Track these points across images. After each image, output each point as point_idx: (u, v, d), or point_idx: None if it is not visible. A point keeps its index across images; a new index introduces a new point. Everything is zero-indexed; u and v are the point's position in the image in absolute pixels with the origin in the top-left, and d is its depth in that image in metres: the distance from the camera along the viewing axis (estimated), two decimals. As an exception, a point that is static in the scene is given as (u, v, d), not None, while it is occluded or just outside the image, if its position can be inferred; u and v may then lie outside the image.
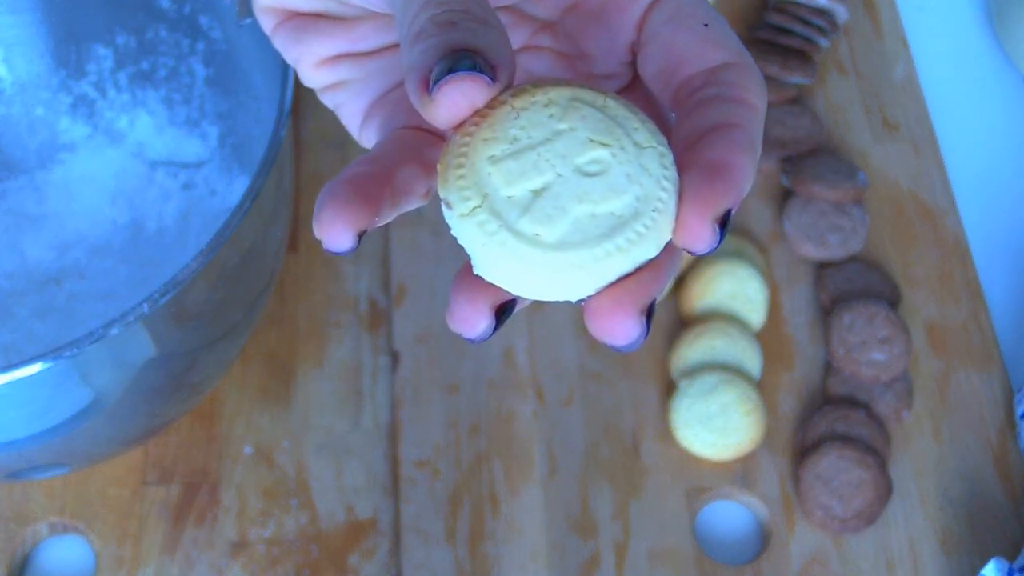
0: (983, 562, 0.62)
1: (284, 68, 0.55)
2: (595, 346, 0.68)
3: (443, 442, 0.65)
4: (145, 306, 0.49)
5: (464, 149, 0.29)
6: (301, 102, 0.76)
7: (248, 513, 0.63)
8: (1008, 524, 0.64)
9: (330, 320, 0.69)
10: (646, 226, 0.28)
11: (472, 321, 0.30)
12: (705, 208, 0.28)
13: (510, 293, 0.29)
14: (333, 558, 0.62)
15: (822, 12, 0.78)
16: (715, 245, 0.29)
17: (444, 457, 0.65)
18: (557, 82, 0.30)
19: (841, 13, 0.78)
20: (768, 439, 0.66)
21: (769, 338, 0.69)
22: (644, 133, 0.29)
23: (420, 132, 0.34)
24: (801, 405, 0.67)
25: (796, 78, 0.76)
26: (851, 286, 0.70)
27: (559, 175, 0.28)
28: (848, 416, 0.65)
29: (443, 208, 0.29)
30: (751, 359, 0.67)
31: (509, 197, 0.28)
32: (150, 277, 0.66)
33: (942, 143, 0.77)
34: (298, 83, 0.55)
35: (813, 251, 0.71)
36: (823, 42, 0.78)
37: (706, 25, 0.31)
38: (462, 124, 0.29)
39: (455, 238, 0.29)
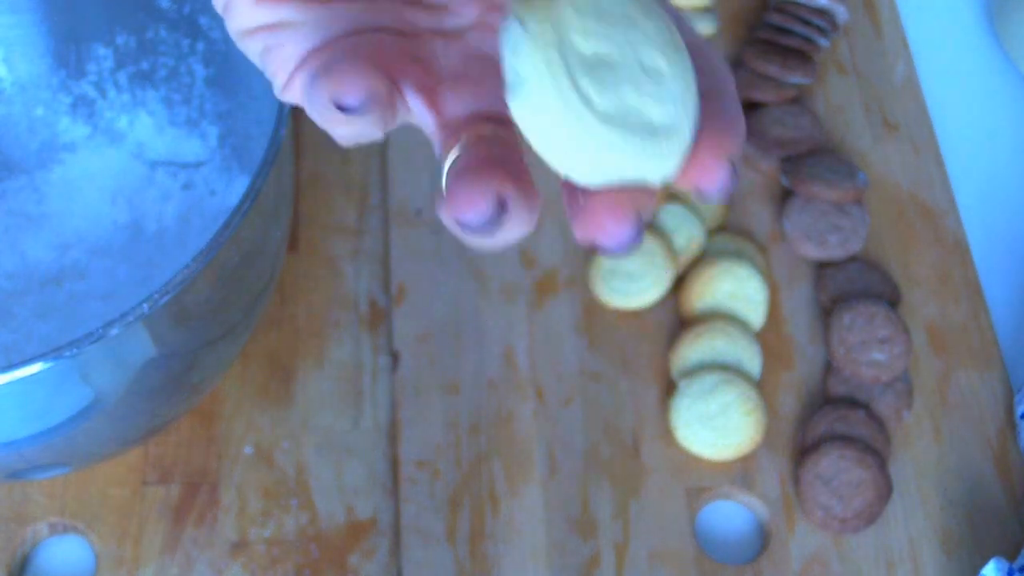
0: (983, 562, 0.62)
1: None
2: (595, 346, 0.68)
3: (443, 442, 0.65)
4: (145, 306, 0.49)
5: None
6: (301, 102, 0.76)
7: (248, 513, 0.63)
8: (1008, 524, 0.64)
9: (330, 320, 0.69)
10: (671, 146, 0.29)
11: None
12: (720, 148, 0.30)
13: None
14: (333, 558, 0.62)
15: (822, 12, 0.78)
16: (728, 187, 0.30)
17: (444, 457, 0.65)
18: None
19: (841, 13, 0.78)
20: (768, 439, 0.66)
21: (769, 338, 0.69)
22: (692, 74, 0.30)
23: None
24: (801, 405, 0.67)
25: (796, 78, 0.76)
26: (851, 286, 0.70)
27: (624, 57, 0.28)
28: (848, 416, 0.65)
29: (505, 21, 0.28)
30: (751, 359, 0.67)
31: (579, 50, 0.28)
32: (150, 277, 0.66)
33: (942, 143, 0.77)
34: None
35: (813, 251, 0.71)
36: (823, 42, 0.78)
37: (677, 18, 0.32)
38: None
39: (503, 55, 0.28)
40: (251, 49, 0.36)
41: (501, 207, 0.30)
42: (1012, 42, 0.80)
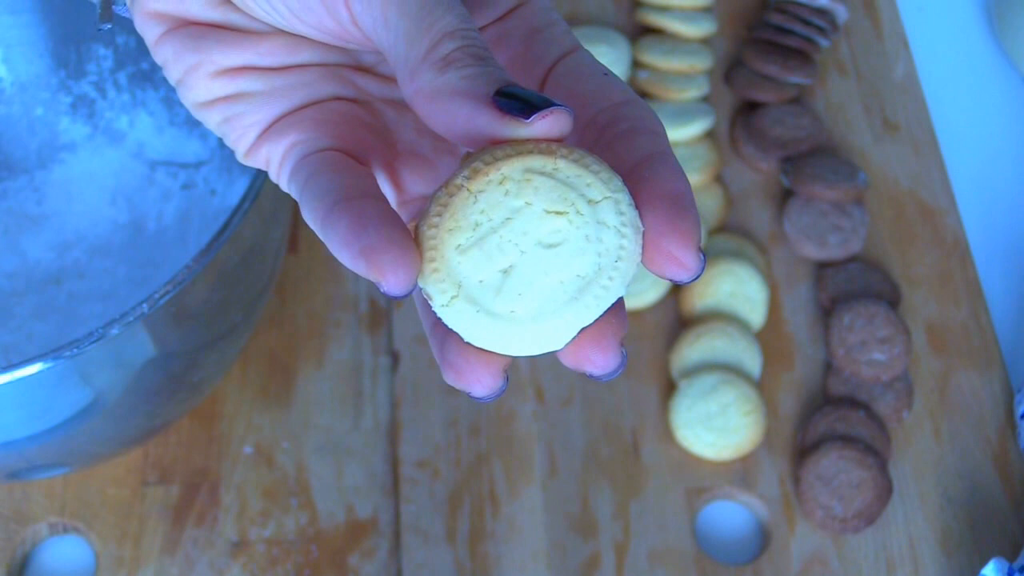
0: (983, 562, 0.62)
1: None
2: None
3: (443, 442, 0.65)
4: (145, 306, 0.49)
5: (433, 242, 0.31)
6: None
7: (248, 513, 0.63)
8: (1008, 524, 0.64)
9: (330, 320, 0.69)
10: (611, 278, 0.31)
11: (484, 380, 0.32)
12: (688, 239, 0.31)
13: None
14: (333, 558, 0.62)
15: (822, 12, 0.78)
16: (701, 271, 0.31)
17: (444, 457, 0.65)
18: (509, 153, 0.31)
19: (841, 13, 0.78)
20: (768, 439, 0.66)
21: (769, 338, 0.69)
22: (597, 186, 0.31)
23: (349, 156, 0.34)
24: (801, 405, 0.67)
25: (796, 78, 0.76)
26: (851, 286, 0.70)
27: (523, 252, 0.31)
28: (848, 416, 0.65)
29: (425, 297, 0.32)
30: (751, 359, 0.67)
31: (481, 282, 0.31)
32: (150, 277, 0.66)
33: (942, 143, 0.77)
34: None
35: (813, 251, 0.71)
36: (823, 42, 0.78)
37: (605, 74, 0.34)
38: (427, 213, 0.31)
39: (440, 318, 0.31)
40: (210, 120, 0.36)
41: (506, 376, 0.32)
42: (1012, 42, 0.80)
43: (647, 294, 0.69)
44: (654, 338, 0.69)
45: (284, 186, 0.35)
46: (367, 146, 0.35)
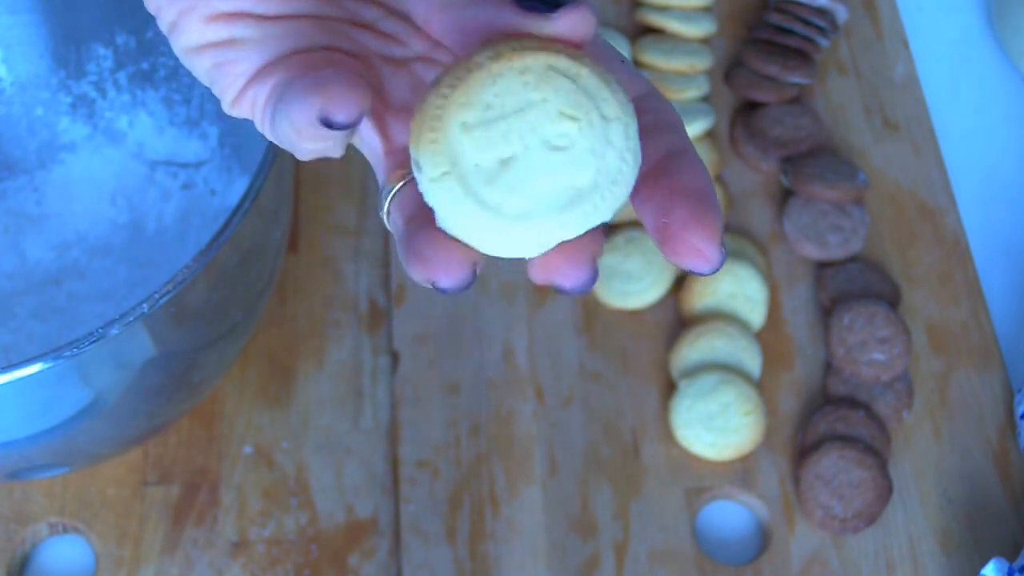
0: (983, 562, 0.62)
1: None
2: (595, 346, 0.68)
3: (443, 442, 0.65)
4: (145, 306, 0.49)
5: (438, 112, 0.30)
6: (301, 102, 0.76)
7: (248, 513, 0.63)
8: (1008, 524, 0.64)
9: (330, 320, 0.69)
10: (603, 198, 0.30)
11: (452, 270, 0.31)
12: (712, 232, 0.31)
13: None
14: (333, 558, 0.62)
15: (822, 12, 0.78)
16: (722, 263, 0.32)
17: (444, 457, 0.65)
18: (535, 47, 0.30)
19: (841, 13, 0.78)
20: (768, 439, 0.66)
21: (769, 338, 0.69)
22: (613, 104, 0.30)
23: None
24: (801, 405, 0.67)
25: (796, 78, 0.76)
26: (851, 286, 0.70)
27: (527, 147, 0.30)
28: (848, 416, 0.65)
29: (412, 166, 0.30)
30: (751, 359, 0.67)
31: (477, 165, 0.29)
32: (150, 277, 0.66)
33: (942, 143, 0.77)
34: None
35: (813, 251, 0.71)
36: (823, 42, 0.78)
37: (622, 61, 0.34)
38: (438, 83, 0.30)
39: (424, 196, 0.30)
40: (199, 66, 0.35)
41: (474, 271, 0.31)
42: (1012, 42, 0.80)
43: (647, 294, 0.69)
44: (654, 338, 0.69)
45: (268, 132, 0.34)
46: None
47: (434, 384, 0.67)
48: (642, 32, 0.79)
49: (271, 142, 0.52)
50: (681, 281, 0.70)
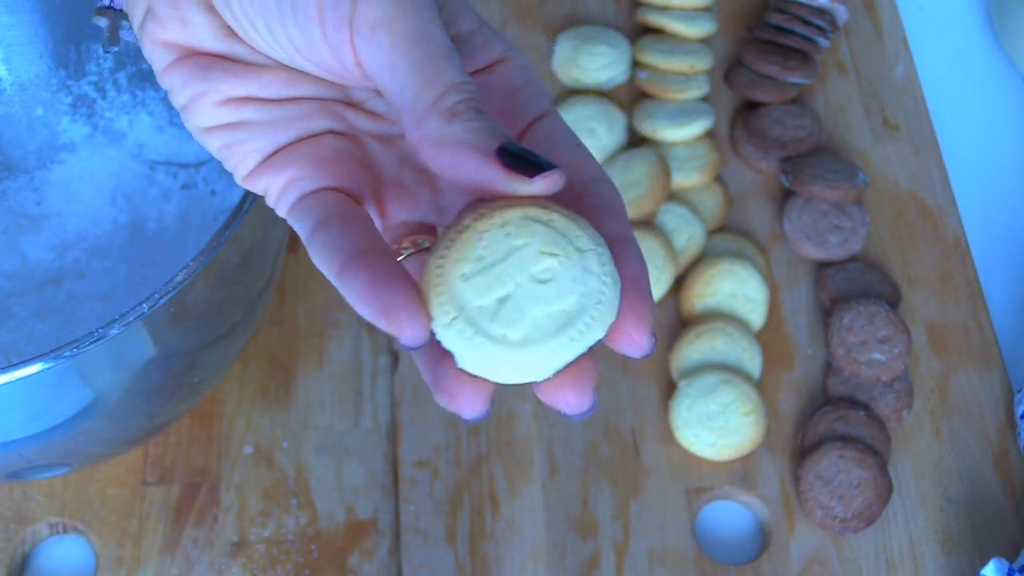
0: (983, 562, 0.62)
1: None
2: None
3: (443, 442, 0.65)
4: (145, 306, 0.49)
5: (440, 271, 0.35)
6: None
7: (248, 513, 0.63)
8: (1008, 524, 0.64)
9: (330, 320, 0.69)
10: (592, 317, 0.34)
11: (474, 405, 0.35)
12: (643, 321, 0.35)
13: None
14: (333, 558, 0.62)
15: (822, 12, 0.78)
16: (651, 351, 0.35)
17: (444, 457, 0.65)
18: (510, 204, 0.35)
19: (841, 13, 0.78)
20: (768, 439, 0.66)
21: (769, 338, 0.69)
22: (585, 239, 0.35)
23: (347, 196, 0.37)
24: (801, 405, 0.67)
25: (796, 78, 0.76)
26: (851, 286, 0.70)
27: (518, 284, 0.34)
28: (848, 416, 0.65)
29: (434, 317, 0.35)
30: (751, 359, 0.67)
31: (479, 307, 0.34)
32: (150, 277, 0.66)
33: (942, 143, 0.77)
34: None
35: (813, 251, 0.71)
36: (823, 42, 0.78)
37: (578, 145, 0.37)
38: (435, 249, 0.35)
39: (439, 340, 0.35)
40: (211, 144, 0.38)
41: (491, 402, 0.35)
42: (1012, 42, 0.80)
43: (647, 294, 0.69)
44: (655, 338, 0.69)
45: (282, 214, 0.38)
46: (358, 181, 0.38)
47: (434, 384, 0.67)
48: (642, 32, 0.79)
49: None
50: (681, 281, 0.70)
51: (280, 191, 0.38)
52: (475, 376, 0.35)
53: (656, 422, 0.66)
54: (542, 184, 0.34)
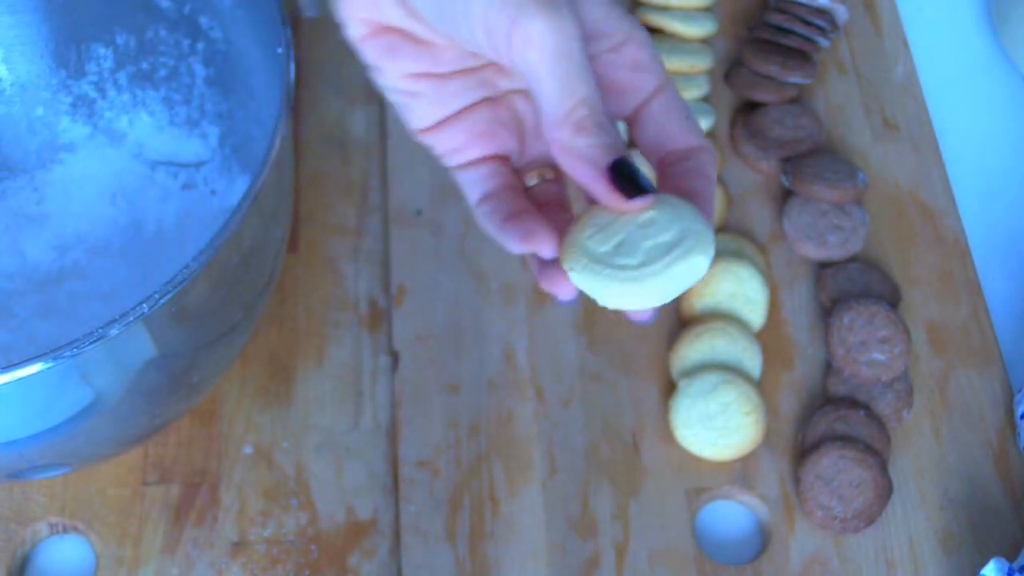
0: (983, 562, 0.62)
1: (284, 68, 0.55)
2: (595, 346, 0.68)
3: (443, 442, 0.65)
4: (145, 306, 0.49)
5: (570, 239, 0.44)
6: (301, 102, 0.76)
7: (248, 513, 0.63)
8: (1008, 524, 0.64)
9: (330, 320, 0.69)
10: (691, 243, 0.42)
11: (568, 291, 0.45)
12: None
13: None
14: (333, 558, 0.62)
15: (822, 12, 0.78)
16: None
17: (444, 457, 0.65)
18: None
19: (841, 13, 0.78)
20: (768, 439, 0.66)
21: (769, 338, 0.69)
22: (674, 199, 0.43)
23: (498, 161, 0.47)
24: (801, 405, 0.67)
25: (796, 78, 0.76)
26: (851, 286, 0.70)
27: (628, 232, 0.43)
28: (848, 416, 0.65)
29: (567, 272, 0.44)
30: (751, 359, 0.67)
31: (604, 252, 0.43)
32: (150, 277, 0.66)
33: (942, 143, 0.77)
34: (298, 83, 0.55)
35: (813, 251, 0.71)
36: (823, 42, 0.78)
37: (687, 118, 0.45)
38: (569, 229, 0.45)
39: (579, 288, 0.44)
40: (391, 99, 0.48)
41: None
42: (1012, 42, 0.80)
43: (647, 294, 0.69)
44: (654, 338, 0.69)
45: (445, 165, 0.48)
46: (505, 143, 0.48)
47: (434, 384, 0.67)
48: (642, 32, 0.79)
49: (271, 142, 0.53)
50: (681, 281, 0.70)
51: (444, 153, 0.48)
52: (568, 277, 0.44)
53: (656, 422, 0.66)
54: (634, 206, 0.43)
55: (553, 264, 0.45)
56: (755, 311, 0.69)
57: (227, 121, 0.68)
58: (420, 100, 0.47)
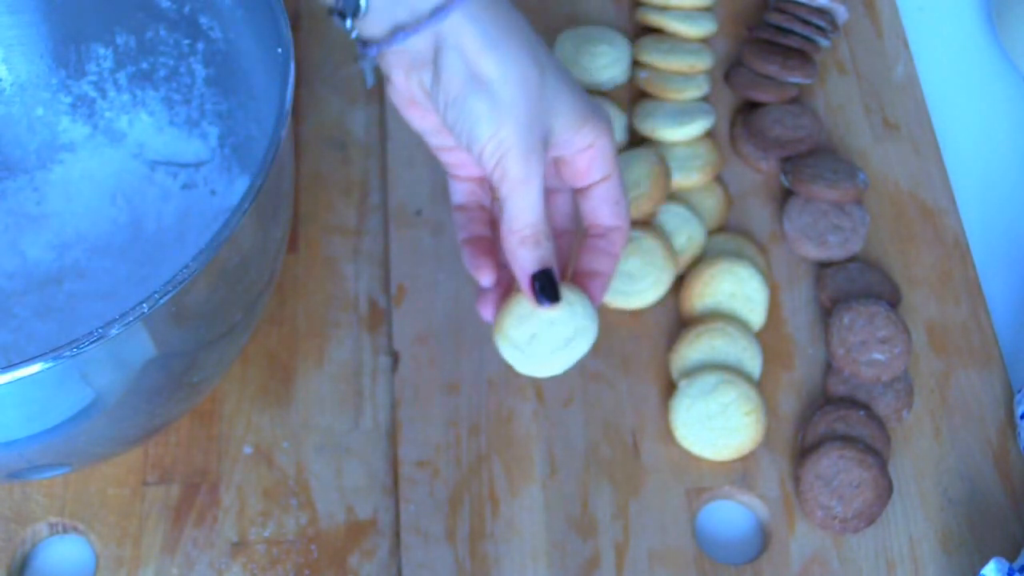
0: (983, 562, 0.62)
1: (284, 68, 0.55)
2: (595, 346, 0.68)
3: (443, 442, 0.65)
4: (145, 306, 0.49)
5: (500, 323, 0.59)
6: (301, 102, 0.76)
7: (248, 513, 0.63)
8: (1008, 524, 0.64)
9: (330, 320, 0.69)
10: (579, 339, 0.58)
11: (489, 276, 0.60)
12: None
13: None
14: (333, 558, 0.62)
15: (822, 12, 0.78)
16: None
17: (444, 457, 0.65)
18: None
19: (841, 13, 0.78)
20: (768, 439, 0.66)
21: (769, 338, 0.69)
22: (573, 296, 0.58)
23: (484, 186, 0.61)
24: (801, 405, 0.67)
25: (796, 78, 0.76)
26: (851, 286, 0.70)
27: (540, 328, 0.58)
28: (848, 416, 0.65)
29: (498, 346, 0.58)
30: (751, 359, 0.67)
31: (522, 340, 0.58)
32: (150, 277, 0.66)
33: (942, 143, 0.77)
34: (298, 83, 0.55)
35: (813, 251, 0.71)
36: (823, 42, 0.78)
37: (617, 203, 0.59)
38: (501, 310, 0.59)
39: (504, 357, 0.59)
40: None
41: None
42: (1012, 42, 0.80)
43: (647, 294, 0.69)
44: (654, 338, 0.69)
45: (445, 168, 0.62)
46: (484, 201, 0.62)
47: (434, 384, 0.67)
48: (642, 32, 0.79)
49: (271, 142, 0.53)
50: (681, 281, 0.70)
51: (445, 161, 0.61)
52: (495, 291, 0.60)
53: (656, 422, 0.66)
54: (542, 309, 0.57)
55: (488, 291, 0.59)
56: (755, 311, 0.69)
57: (227, 121, 0.68)
58: (431, 131, 0.59)
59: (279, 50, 0.56)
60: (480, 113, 0.55)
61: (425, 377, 0.67)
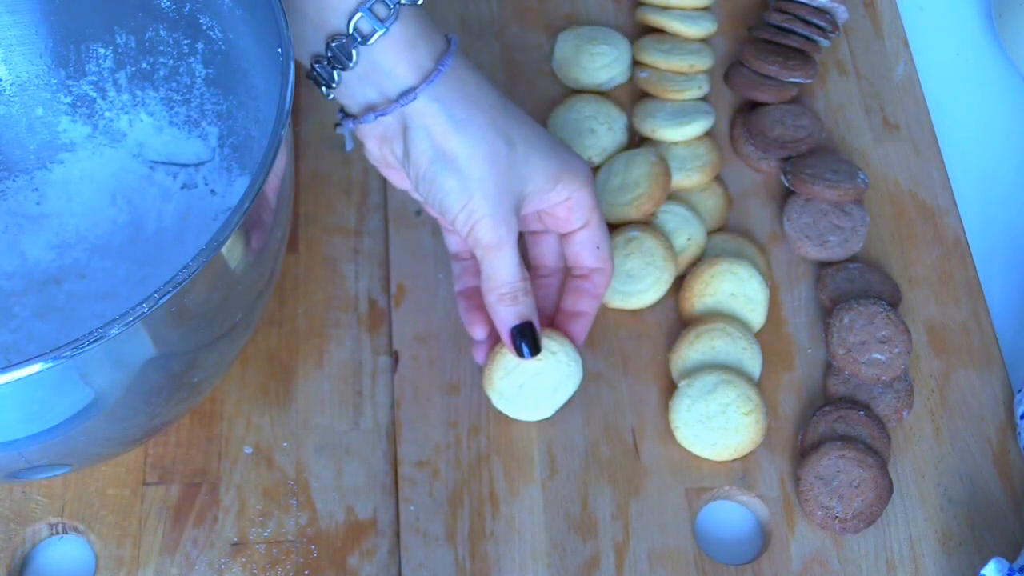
0: (983, 562, 0.62)
1: (284, 68, 0.55)
2: (595, 346, 0.68)
3: (443, 442, 0.65)
4: (145, 306, 0.49)
5: (489, 375, 0.65)
6: (301, 102, 0.76)
7: (248, 513, 0.63)
8: (1008, 524, 0.64)
9: (330, 320, 0.69)
10: (565, 385, 0.65)
11: (481, 333, 0.67)
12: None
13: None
14: (333, 558, 0.62)
15: (822, 12, 0.78)
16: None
17: (444, 457, 0.65)
18: None
19: (841, 13, 0.78)
20: (768, 439, 0.66)
21: (769, 338, 0.69)
22: (556, 345, 0.64)
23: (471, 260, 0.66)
24: (801, 405, 0.67)
25: (796, 78, 0.76)
26: (851, 286, 0.70)
27: (527, 379, 0.64)
28: (848, 416, 0.65)
29: (489, 396, 0.65)
30: (751, 359, 0.67)
31: (511, 391, 0.64)
32: (150, 277, 0.66)
33: (942, 143, 0.77)
34: (298, 83, 0.55)
35: (813, 251, 0.71)
36: (823, 42, 0.78)
37: (598, 248, 0.64)
38: (489, 362, 0.65)
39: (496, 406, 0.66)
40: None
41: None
42: (1012, 42, 0.80)
43: (647, 294, 0.69)
44: (654, 338, 0.69)
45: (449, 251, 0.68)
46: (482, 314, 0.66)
47: (434, 384, 0.67)
48: (642, 32, 0.79)
49: (271, 142, 0.53)
50: (681, 281, 0.70)
51: (445, 240, 0.67)
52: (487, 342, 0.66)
53: (656, 422, 0.66)
54: (524, 361, 0.63)
55: (481, 341, 0.65)
56: (755, 311, 0.69)
57: (227, 121, 0.68)
58: (412, 189, 0.62)
59: (279, 50, 0.55)
60: (449, 188, 0.59)
61: (425, 377, 0.67)
